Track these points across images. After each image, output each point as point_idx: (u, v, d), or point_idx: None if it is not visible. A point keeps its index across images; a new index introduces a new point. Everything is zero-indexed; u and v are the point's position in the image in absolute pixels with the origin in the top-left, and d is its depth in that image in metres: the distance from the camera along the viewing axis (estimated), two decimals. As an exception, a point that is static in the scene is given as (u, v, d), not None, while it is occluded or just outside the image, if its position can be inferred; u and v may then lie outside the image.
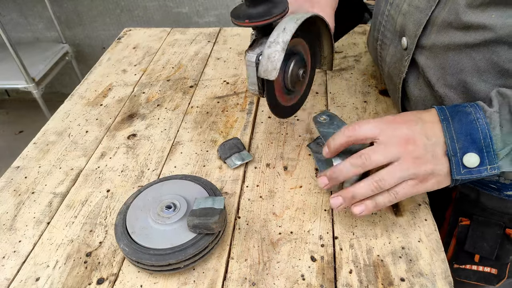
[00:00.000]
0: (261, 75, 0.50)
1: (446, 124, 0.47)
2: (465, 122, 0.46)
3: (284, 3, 0.52)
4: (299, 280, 0.47)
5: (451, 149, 0.46)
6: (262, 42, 0.52)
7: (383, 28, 0.65)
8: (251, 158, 0.62)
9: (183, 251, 0.46)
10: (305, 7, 0.59)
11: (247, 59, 0.51)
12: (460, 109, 0.47)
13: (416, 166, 0.46)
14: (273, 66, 0.49)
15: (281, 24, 0.50)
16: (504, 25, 0.46)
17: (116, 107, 0.77)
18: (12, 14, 2.17)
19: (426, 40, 0.55)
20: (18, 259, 0.52)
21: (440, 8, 0.52)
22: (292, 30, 0.49)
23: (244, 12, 0.50)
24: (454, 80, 0.53)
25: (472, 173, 0.45)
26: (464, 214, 0.63)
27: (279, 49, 0.48)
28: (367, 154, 0.47)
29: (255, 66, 0.51)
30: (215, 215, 0.47)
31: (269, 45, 0.49)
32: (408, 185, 0.47)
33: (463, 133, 0.45)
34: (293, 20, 0.50)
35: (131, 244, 0.47)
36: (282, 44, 0.48)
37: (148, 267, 0.47)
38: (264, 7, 0.50)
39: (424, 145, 0.46)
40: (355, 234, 0.51)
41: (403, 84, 0.62)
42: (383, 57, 0.67)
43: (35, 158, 0.67)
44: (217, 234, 0.49)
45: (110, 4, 2.06)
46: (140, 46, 0.97)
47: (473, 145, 0.45)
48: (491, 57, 0.49)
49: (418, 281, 0.46)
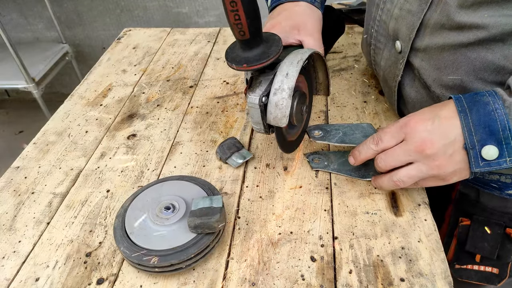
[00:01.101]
0: (271, 123, 0.51)
1: (464, 116, 0.46)
2: (483, 113, 0.45)
3: (278, 41, 0.52)
4: (299, 280, 0.47)
5: (469, 142, 0.45)
6: (261, 81, 0.52)
7: (375, 33, 0.65)
8: (251, 155, 0.63)
9: (185, 251, 0.46)
10: (292, 33, 0.60)
11: (249, 101, 0.51)
12: (478, 99, 0.46)
13: (437, 168, 0.47)
14: (283, 114, 0.50)
15: (283, 69, 0.50)
16: (496, 23, 0.46)
17: (116, 107, 0.77)
18: (12, 14, 2.17)
19: (420, 42, 0.55)
20: (18, 259, 0.52)
21: (432, 10, 0.52)
22: (295, 75, 0.50)
23: (241, 56, 0.51)
24: (450, 80, 0.53)
25: (491, 165, 0.45)
26: (464, 214, 0.63)
27: (286, 96, 0.49)
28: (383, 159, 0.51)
29: (259, 109, 0.51)
30: (216, 214, 0.47)
31: (275, 92, 0.50)
32: (429, 181, 0.50)
33: (481, 124, 0.45)
34: (294, 64, 0.50)
35: (131, 246, 0.47)
36: (288, 90, 0.49)
37: (150, 268, 0.47)
38: (259, 49, 0.51)
39: (443, 146, 0.46)
40: (355, 234, 0.51)
41: (399, 86, 0.62)
42: (377, 61, 0.67)
43: (35, 158, 0.67)
44: (218, 232, 0.49)
45: (110, 4, 2.06)
46: (140, 46, 0.97)
47: (491, 137, 0.44)
48: (486, 55, 0.49)
49: (418, 281, 0.46)
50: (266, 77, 0.52)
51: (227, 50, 0.53)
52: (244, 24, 0.47)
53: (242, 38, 0.49)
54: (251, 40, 0.49)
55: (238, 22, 0.47)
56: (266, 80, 0.52)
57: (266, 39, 0.52)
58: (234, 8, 0.46)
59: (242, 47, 0.51)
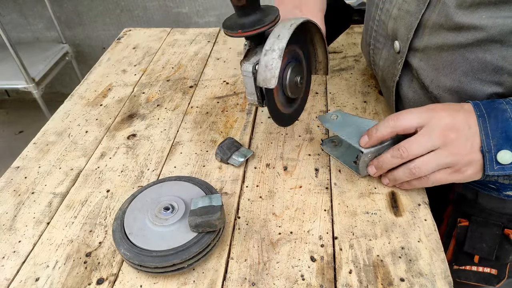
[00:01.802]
0: (260, 84, 0.50)
1: (482, 120, 0.47)
2: (500, 119, 0.46)
3: (275, 11, 0.52)
4: (298, 280, 0.47)
5: (486, 145, 0.47)
6: (257, 51, 0.52)
7: (375, 33, 0.65)
8: (252, 153, 0.63)
9: (186, 251, 0.46)
10: (294, 13, 0.60)
11: (243, 70, 0.51)
12: (496, 106, 0.48)
13: (455, 156, 0.48)
14: (272, 74, 0.49)
15: (275, 31, 0.50)
16: (494, 24, 0.46)
17: (116, 107, 0.77)
18: (12, 14, 2.17)
19: (418, 42, 0.55)
20: (18, 259, 0.52)
21: (430, 10, 0.52)
22: (287, 36, 0.49)
23: (236, 22, 0.50)
24: (448, 81, 0.53)
25: (505, 169, 0.46)
26: (462, 215, 0.63)
27: (276, 57, 0.48)
28: (405, 147, 0.50)
29: (253, 76, 0.51)
30: (216, 212, 0.47)
31: (265, 53, 0.49)
32: (443, 172, 0.50)
33: (499, 130, 0.46)
34: (286, 27, 0.50)
35: (132, 248, 0.47)
36: (278, 51, 0.48)
37: (152, 269, 0.47)
38: (255, 16, 0.50)
39: (466, 135, 0.48)
40: (355, 234, 0.51)
41: (397, 87, 0.62)
42: (376, 61, 0.67)
43: (35, 158, 0.67)
44: (218, 231, 0.49)
45: (110, 4, 2.06)
46: (140, 46, 0.97)
47: (508, 143, 0.46)
48: (484, 55, 0.49)
49: (417, 281, 0.46)
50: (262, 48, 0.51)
51: (225, 19, 0.52)
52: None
53: (238, 3, 0.49)
54: (247, 6, 0.49)
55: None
56: (261, 51, 0.51)
57: (264, 9, 0.51)
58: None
59: (238, 13, 0.50)
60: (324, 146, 0.64)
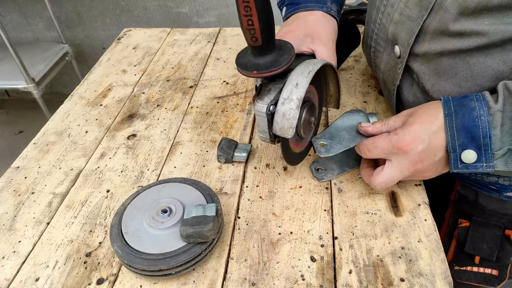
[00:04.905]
0: (277, 133, 0.50)
1: (449, 120, 0.48)
2: (467, 118, 0.46)
3: (290, 50, 0.51)
4: (298, 280, 0.47)
5: (451, 146, 0.47)
6: (270, 88, 0.51)
7: (375, 36, 0.64)
8: (251, 146, 0.64)
9: (175, 258, 0.46)
10: (306, 41, 0.58)
11: (257, 109, 0.50)
12: (466, 103, 0.48)
13: (416, 175, 0.52)
14: (289, 125, 0.49)
15: (293, 78, 0.49)
16: (496, 30, 0.46)
17: (116, 107, 0.77)
18: (12, 14, 2.17)
19: (419, 48, 0.55)
20: (18, 259, 0.52)
21: (431, 17, 0.52)
22: (305, 85, 0.48)
23: (251, 61, 0.50)
24: (449, 85, 0.53)
25: (468, 168, 0.47)
26: (463, 216, 0.63)
27: (294, 107, 0.48)
28: (373, 178, 0.53)
29: (266, 117, 0.50)
30: (209, 223, 0.46)
31: (283, 102, 0.48)
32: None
33: (465, 130, 0.46)
34: (304, 74, 0.49)
35: (124, 246, 0.47)
36: (296, 101, 0.48)
37: (139, 271, 0.47)
38: (271, 56, 0.49)
39: (432, 163, 0.49)
40: (355, 234, 0.51)
41: (397, 90, 0.62)
42: (377, 64, 0.67)
43: (35, 158, 0.67)
44: (211, 242, 0.48)
45: (110, 4, 2.06)
46: (140, 46, 0.97)
47: (472, 142, 0.46)
48: (485, 60, 0.49)
49: (417, 281, 0.46)
50: (276, 86, 0.51)
51: (238, 55, 0.52)
52: (257, 29, 0.46)
53: (254, 44, 0.48)
54: (263, 46, 0.48)
55: (251, 27, 0.45)
56: (275, 89, 0.50)
57: (278, 47, 0.50)
58: (248, 12, 0.44)
59: (253, 53, 0.49)
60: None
